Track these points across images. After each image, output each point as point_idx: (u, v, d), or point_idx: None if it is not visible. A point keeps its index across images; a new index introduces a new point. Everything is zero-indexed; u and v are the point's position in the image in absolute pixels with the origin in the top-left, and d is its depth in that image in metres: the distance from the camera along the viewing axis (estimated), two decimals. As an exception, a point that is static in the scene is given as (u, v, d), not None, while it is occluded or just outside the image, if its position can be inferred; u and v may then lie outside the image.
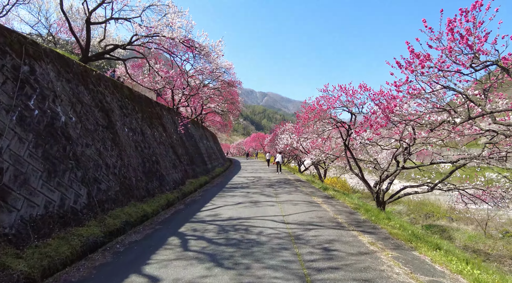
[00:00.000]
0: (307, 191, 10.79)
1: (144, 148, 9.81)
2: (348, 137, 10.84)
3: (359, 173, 11.73)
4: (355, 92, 9.45)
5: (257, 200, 8.75)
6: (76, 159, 5.88)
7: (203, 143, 21.34)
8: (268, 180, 14.97)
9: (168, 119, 14.46)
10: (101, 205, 6.02)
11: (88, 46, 10.92)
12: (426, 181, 10.62)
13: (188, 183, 12.16)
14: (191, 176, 13.65)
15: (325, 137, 12.56)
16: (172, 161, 12.05)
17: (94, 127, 7.17)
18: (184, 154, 14.39)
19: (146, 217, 6.94)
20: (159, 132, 12.13)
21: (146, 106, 12.08)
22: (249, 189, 11.31)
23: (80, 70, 7.66)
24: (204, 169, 17.48)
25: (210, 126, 37.59)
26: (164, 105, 14.87)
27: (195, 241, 4.73)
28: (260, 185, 12.69)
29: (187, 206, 7.97)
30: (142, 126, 10.55)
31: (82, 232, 4.77)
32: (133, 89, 11.65)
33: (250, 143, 62.37)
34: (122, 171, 7.63)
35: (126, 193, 7.38)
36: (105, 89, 8.82)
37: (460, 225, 16.49)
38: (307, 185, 13.05)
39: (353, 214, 6.80)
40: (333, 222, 5.99)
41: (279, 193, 10.28)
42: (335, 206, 7.78)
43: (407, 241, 4.66)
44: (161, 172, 10.25)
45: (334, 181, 17.95)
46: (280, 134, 22.93)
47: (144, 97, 12.25)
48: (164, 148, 11.80)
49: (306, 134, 13.07)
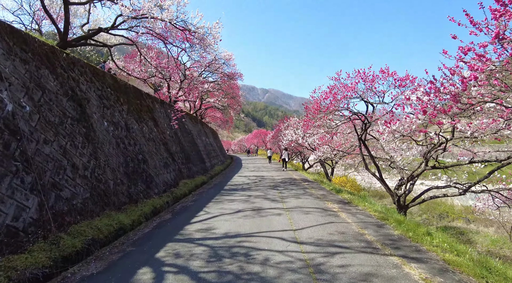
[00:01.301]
0: (317, 194, 9.38)
1: (128, 145, 8.43)
2: (364, 131, 9.39)
3: (376, 172, 10.30)
4: (376, 78, 7.99)
5: (260, 206, 7.35)
6: (25, 160, 4.49)
7: (201, 139, 19.95)
8: (272, 180, 13.58)
9: (161, 113, 13.06)
10: (58, 218, 4.64)
11: (67, 29, 9.46)
12: (455, 182, 9.17)
13: (181, 184, 10.79)
14: (186, 176, 12.28)
15: (334, 133, 11.12)
16: (164, 160, 10.68)
17: (60, 120, 5.78)
18: (178, 151, 13.01)
19: (122, 230, 5.57)
20: (149, 127, 10.75)
21: (134, 98, 10.68)
22: (251, 191, 9.93)
23: (44, 50, 6.24)
24: (202, 167, 16.11)
25: (210, 123, 36.18)
26: (156, 98, 13.46)
27: (174, 275, 3.34)
28: (263, 186, 11.31)
29: (175, 216, 6.58)
30: (128, 120, 9.17)
31: (17, 263, 3.40)
32: (119, 78, 10.24)
33: (252, 140, 60.94)
34: (95, 173, 6.25)
35: (100, 201, 6.00)
36: (80, 75, 7.41)
37: (479, 227, 15.03)
38: (315, 186, 11.64)
39: (382, 228, 5.40)
40: (360, 240, 4.59)
41: (285, 196, 8.88)
42: (356, 215, 6.37)
43: (478, 276, 3.25)
44: (149, 172, 8.88)
45: (344, 180, 16.53)
46: (284, 130, 21.47)
47: (132, 87, 10.84)
48: (154, 145, 10.42)
49: (313, 129, 11.65)
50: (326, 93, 8.75)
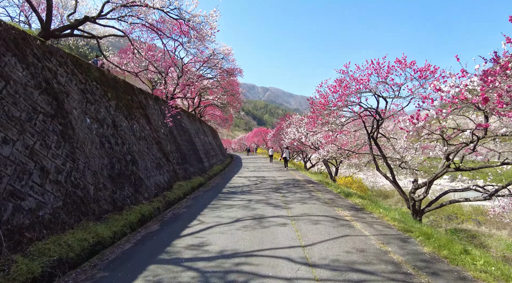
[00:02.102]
0: (325, 198, 8.52)
1: (115, 144, 7.58)
2: (376, 129, 8.52)
3: (387, 172, 9.45)
4: (391, 70, 7.11)
5: (262, 213, 6.49)
6: (-28, 164, 3.65)
7: (199, 138, 19.08)
8: (274, 181, 12.73)
9: (155, 110, 12.20)
10: (15, 235, 3.79)
11: (49, 17, 8.59)
12: (476, 184, 8.29)
13: (176, 186, 9.94)
14: (182, 177, 11.43)
15: (340, 131, 10.26)
16: (157, 160, 9.83)
17: (28, 116, 4.92)
18: (174, 150, 12.16)
19: (101, 245, 4.72)
20: (141, 125, 9.90)
21: (124, 93, 9.82)
22: (251, 195, 9.08)
23: (11, 36, 5.37)
24: (199, 167, 15.26)
25: (210, 121, 35.32)
26: (150, 94, 12.59)
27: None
28: (264, 189, 10.46)
29: (163, 226, 5.73)
30: (116, 117, 8.32)
31: None
32: (106, 72, 9.37)
33: (252, 138, 60.04)
34: (72, 177, 5.40)
35: (75, 210, 5.15)
36: (58, 66, 6.54)
37: (491, 229, 14.18)
38: (321, 188, 10.79)
39: (408, 242, 4.54)
40: (386, 261, 3.74)
41: (289, 201, 8.03)
42: (373, 226, 5.51)
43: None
44: (139, 174, 8.04)
45: (349, 180, 15.64)
46: (285, 128, 20.60)
47: (122, 82, 9.97)
48: (146, 144, 9.57)
49: (318, 127, 10.77)
50: (335, 87, 7.87)
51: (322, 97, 8.09)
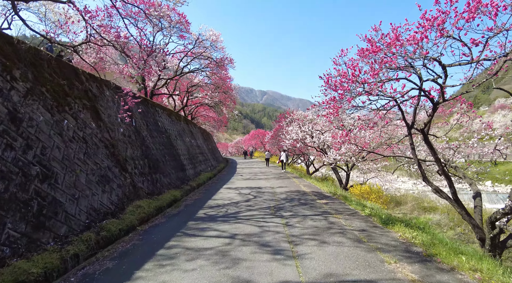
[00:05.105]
0: (353, 229, 5.43)
1: (5, 148, 4.49)
2: (430, 118, 5.48)
3: (446, 188, 6.39)
4: (474, 11, 4.09)
5: (248, 276, 3.42)
6: None
7: (183, 141, 15.98)
8: (272, 194, 9.65)
9: (113, 103, 9.14)
10: None
11: None
12: None
13: (131, 209, 6.83)
14: (146, 194, 8.33)
15: (370, 125, 7.24)
16: (101, 171, 6.73)
17: None
18: (137, 156, 9.07)
19: None
20: (80, 122, 6.82)
21: (55, 75, 6.77)
22: (237, 223, 5.98)
23: None
24: (179, 177, 12.15)
25: (204, 124, 32.23)
26: (107, 81, 9.52)
27: None
28: (258, 209, 7.38)
29: None
30: (24, 107, 5.26)
31: None
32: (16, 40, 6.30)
33: (249, 141, 56.89)
34: None
35: None
36: None
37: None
38: (339, 206, 7.71)
39: None
40: None
41: (297, 236, 4.95)
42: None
43: None
44: (52, 196, 4.93)
45: (366, 190, 12.59)
46: (286, 126, 17.53)
47: (52, 60, 6.91)
48: (84, 148, 6.49)
49: (323, 125, 7.75)
50: (368, 49, 4.84)
51: (349, 67, 5.03)
